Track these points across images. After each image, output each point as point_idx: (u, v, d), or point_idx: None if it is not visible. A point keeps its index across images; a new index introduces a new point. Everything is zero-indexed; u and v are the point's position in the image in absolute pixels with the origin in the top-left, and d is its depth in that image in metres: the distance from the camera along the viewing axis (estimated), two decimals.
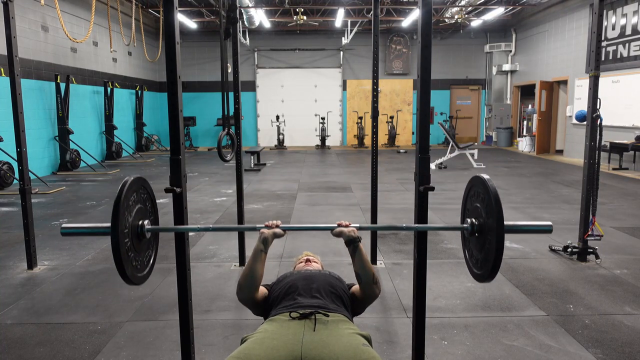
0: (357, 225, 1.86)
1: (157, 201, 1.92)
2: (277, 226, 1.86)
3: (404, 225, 1.86)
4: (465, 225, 1.77)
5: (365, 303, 1.91)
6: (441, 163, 10.07)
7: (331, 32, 15.39)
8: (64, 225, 1.75)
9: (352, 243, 1.84)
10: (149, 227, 1.75)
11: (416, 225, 1.85)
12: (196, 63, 15.57)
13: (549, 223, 1.72)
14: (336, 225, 1.85)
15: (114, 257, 1.57)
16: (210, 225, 1.77)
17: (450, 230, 1.87)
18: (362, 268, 1.83)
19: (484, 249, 1.67)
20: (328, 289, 1.82)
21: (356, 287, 1.91)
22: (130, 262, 1.64)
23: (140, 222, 1.72)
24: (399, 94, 15.97)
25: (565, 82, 12.19)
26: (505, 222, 1.58)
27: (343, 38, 14.82)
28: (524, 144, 13.42)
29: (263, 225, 1.87)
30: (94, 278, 3.71)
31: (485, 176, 1.68)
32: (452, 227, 1.83)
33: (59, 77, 9.23)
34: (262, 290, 1.90)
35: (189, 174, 9.25)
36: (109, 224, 1.58)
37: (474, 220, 1.74)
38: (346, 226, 1.84)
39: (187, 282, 1.97)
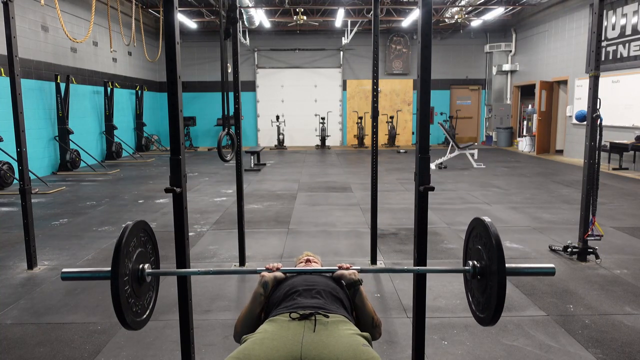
0: (358, 268, 1.90)
1: (157, 201, 1.93)
2: (277, 269, 1.87)
3: (405, 267, 1.89)
4: (467, 267, 1.77)
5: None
6: (441, 163, 10.07)
7: (331, 32, 15.39)
8: (64, 270, 1.75)
9: (352, 286, 1.85)
10: (149, 270, 1.74)
11: (416, 267, 1.87)
12: (196, 63, 15.58)
13: (552, 265, 1.72)
14: (337, 267, 1.88)
15: (114, 305, 1.57)
16: (211, 269, 1.79)
17: (453, 272, 1.88)
18: (362, 312, 1.84)
19: (486, 292, 1.67)
20: (328, 290, 1.82)
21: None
22: (130, 308, 1.64)
23: (141, 267, 1.71)
24: (399, 94, 15.98)
25: (565, 82, 12.19)
26: (507, 265, 1.57)
27: (343, 38, 14.82)
28: (524, 144, 13.43)
29: (264, 269, 1.87)
30: None
31: (487, 219, 1.68)
32: (454, 269, 1.85)
33: (59, 77, 9.23)
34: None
35: (189, 174, 9.26)
36: (109, 269, 1.59)
37: (476, 262, 1.74)
38: (347, 268, 1.87)
39: (187, 282, 1.97)
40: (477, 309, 1.77)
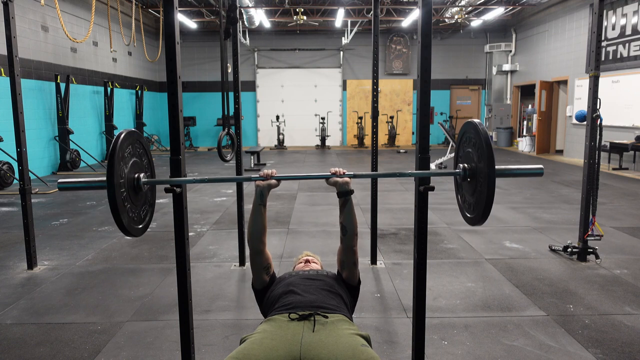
0: (352, 173, 1.87)
1: (157, 201, 1.93)
2: (271, 176, 1.88)
3: (399, 172, 1.89)
4: (458, 170, 1.81)
5: (349, 264, 1.92)
6: (441, 163, 10.07)
7: (331, 32, 15.39)
8: (60, 180, 1.78)
9: (344, 195, 1.87)
10: (145, 180, 1.78)
11: (415, 171, 1.86)
12: (196, 63, 15.58)
13: (540, 166, 1.74)
14: (330, 173, 1.88)
15: (110, 206, 1.57)
16: (206, 177, 1.79)
17: (444, 175, 1.88)
18: (349, 220, 1.88)
19: (476, 192, 1.70)
20: (327, 290, 1.82)
21: (341, 265, 1.95)
22: (126, 212, 1.65)
23: (136, 175, 1.75)
24: (399, 94, 15.98)
25: (565, 82, 12.19)
26: (496, 167, 1.60)
27: (343, 38, 14.82)
28: (524, 144, 13.43)
29: (258, 176, 1.88)
30: (94, 278, 3.71)
31: (477, 120, 1.71)
32: (446, 172, 1.86)
33: (59, 77, 9.23)
34: (269, 259, 1.97)
35: (189, 174, 9.25)
36: (105, 178, 1.59)
37: (466, 165, 1.77)
38: (341, 175, 1.86)
39: (187, 282, 1.97)
40: (468, 210, 1.80)
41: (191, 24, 13.41)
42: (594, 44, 3.77)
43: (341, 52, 15.67)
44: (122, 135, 1.66)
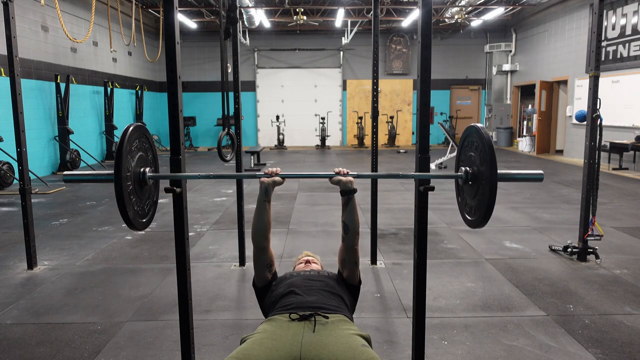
0: (355, 173, 1.90)
1: (157, 201, 1.93)
2: (276, 174, 1.89)
3: (402, 174, 1.92)
4: (459, 173, 1.82)
5: (350, 263, 1.93)
6: (441, 163, 10.07)
7: (331, 32, 15.39)
8: (65, 172, 1.79)
9: (347, 194, 1.88)
10: (150, 174, 1.80)
11: (415, 173, 1.87)
12: (196, 63, 15.58)
13: (540, 172, 1.76)
14: (334, 172, 1.89)
15: (117, 199, 1.60)
16: (211, 174, 1.82)
17: (446, 178, 1.89)
18: (352, 218, 1.88)
19: (477, 195, 1.71)
20: (328, 290, 1.82)
21: (342, 264, 1.95)
22: (132, 205, 1.68)
23: (142, 169, 1.77)
24: (399, 94, 15.98)
25: (565, 82, 12.19)
26: (498, 171, 1.61)
27: (343, 38, 14.82)
28: (524, 144, 13.43)
29: (263, 174, 1.89)
30: (94, 278, 3.71)
31: (480, 125, 1.72)
32: (447, 175, 1.87)
33: (59, 77, 9.23)
34: (272, 257, 1.97)
35: None
36: (111, 171, 1.63)
37: (468, 168, 1.78)
38: (344, 175, 1.87)
39: (187, 282, 1.97)
40: (469, 213, 1.81)
41: (191, 24, 13.41)
42: (594, 44, 3.77)
43: (341, 52, 15.67)
44: (130, 129, 1.68)
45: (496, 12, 12.67)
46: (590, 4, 8.74)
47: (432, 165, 9.83)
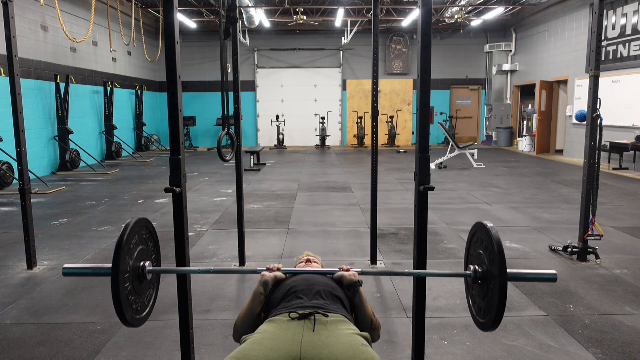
0: (359, 270, 1.90)
1: (157, 201, 1.93)
2: (278, 269, 1.89)
3: (406, 271, 1.90)
4: (468, 272, 1.77)
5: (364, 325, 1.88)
6: (441, 163, 10.07)
7: (331, 32, 15.39)
8: (65, 266, 1.75)
9: (352, 288, 1.86)
10: (150, 268, 1.75)
11: (416, 271, 1.87)
12: (196, 63, 15.58)
13: (554, 272, 1.71)
14: (337, 269, 1.89)
15: (114, 302, 1.56)
16: (212, 268, 1.80)
17: (454, 277, 1.87)
18: (361, 313, 1.84)
19: (487, 297, 1.67)
20: (328, 290, 1.82)
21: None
22: (130, 305, 1.64)
23: (142, 264, 1.72)
24: (399, 94, 15.98)
25: (565, 82, 12.19)
26: (509, 271, 1.57)
27: (343, 38, 14.82)
28: (524, 144, 13.43)
29: (265, 269, 1.89)
30: (94, 278, 3.70)
31: (489, 224, 1.68)
32: (456, 273, 1.85)
33: (59, 77, 9.23)
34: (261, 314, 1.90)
35: (188, 174, 9.26)
36: (110, 265, 1.59)
37: (477, 267, 1.73)
38: (347, 270, 1.87)
39: (187, 282, 1.97)
40: (479, 314, 1.76)
41: (191, 24, 13.41)
42: (594, 44, 3.77)
43: (341, 52, 15.67)
44: (130, 228, 1.62)
45: (496, 12, 12.67)
46: (591, 4, 8.73)
47: (432, 166, 9.83)
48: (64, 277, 3.71)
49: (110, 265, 1.59)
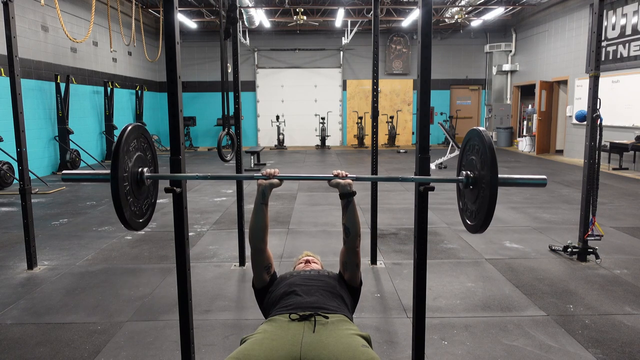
0: (354, 176, 1.89)
1: (157, 201, 1.93)
2: (274, 175, 1.88)
3: (401, 177, 1.92)
4: (460, 177, 1.80)
5: (351, 266, 1.93)
6: (441, 163, 10.07)
7: (331, 32, 15.39)
8: (64, 172, 1.79)
9: (346, 197, 1.87)
10: (148, 174, 1.80)
11: (415, 177, 1.85)
12: (196, 63, 15.58)
13: (544, 177, 1.74)
14: (333, 175, 1.88)
15: (113, 200, 1.59)
16: (209, 174, 1.81)
17: (447, 182, 1.88)
18: (352, 221, 1.88)
19: (478, 200, 1.70)
20: (328, 290, 1.82)
21: (344, 266, 1.95)
22: (129, 206, 1.67)
23: (140, 169, 1.76)
24: (399, 94, 15.98)
25: (565, 82, 12.19)
26: (499, 175, 1.59)
27: (343, 38, 14.82)
28: (524, 144, 13.43)
29: (260, 175, 1.88)
30: (94, 278, 3.71)
31: (482, 128, 1.71)
32: (448, 179, 1.86)
33: (59, 77, 9.23)
34: (270, 259, 1.97)
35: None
36: (109, 171, 1.62)
37: (469, 172, 1.77)
38: (343, 177, 1.87)
39: (187, 282, 1.97)
40: (469, 218, 1.80)
41: (191, 24, 13.41)
42: (594, 44, 3.77)
43: (341, 52, 15.67)
44: (129, 129, 1.68)
45: (496, 12, 12.67)
46: (590, 4, 8.74)
47: (432, 166, 9.83)
48: (64, 277, 3.71)
49: (108, 171, 1.63)
